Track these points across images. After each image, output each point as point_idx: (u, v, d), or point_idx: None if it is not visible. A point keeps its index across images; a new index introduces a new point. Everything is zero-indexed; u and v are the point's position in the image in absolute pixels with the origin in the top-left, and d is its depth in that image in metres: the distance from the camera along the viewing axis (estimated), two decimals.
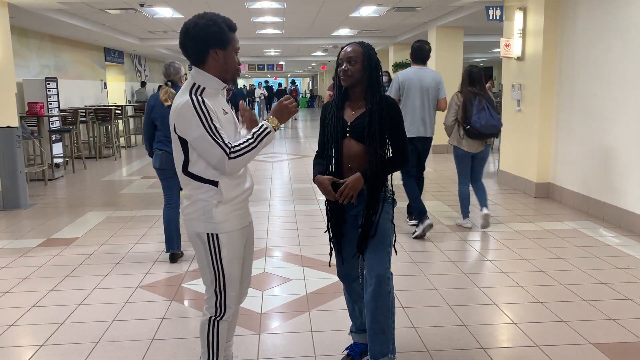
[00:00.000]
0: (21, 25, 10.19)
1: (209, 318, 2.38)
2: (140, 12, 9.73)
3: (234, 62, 2.29)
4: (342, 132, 2.62)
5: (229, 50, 2.26)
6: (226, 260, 2.31)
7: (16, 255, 4.86)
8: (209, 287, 2.38)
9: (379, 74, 2.59)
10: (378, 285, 2.53)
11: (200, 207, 2.26)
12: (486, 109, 5.15)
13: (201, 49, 2.23)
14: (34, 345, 3.16)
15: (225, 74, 2.29)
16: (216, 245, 2.28)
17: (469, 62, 25.41)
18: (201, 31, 2.19)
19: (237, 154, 2.17)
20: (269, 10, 10.26)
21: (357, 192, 2.53)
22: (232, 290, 2.36)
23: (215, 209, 2.25)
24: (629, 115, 5.36)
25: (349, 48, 2.58)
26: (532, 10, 6.96)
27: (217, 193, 2.24)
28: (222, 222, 2.27)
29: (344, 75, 2.56)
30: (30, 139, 8.36)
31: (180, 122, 2.18)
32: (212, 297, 2.37)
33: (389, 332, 2.58)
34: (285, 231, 5.52)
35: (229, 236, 2.30)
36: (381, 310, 2.55)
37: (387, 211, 2.62)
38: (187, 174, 2.26)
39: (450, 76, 11.27)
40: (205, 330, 2.39)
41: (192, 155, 2.23)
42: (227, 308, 2.38)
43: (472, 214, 5.67)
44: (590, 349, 3.01)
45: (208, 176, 2.24)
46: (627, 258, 4.53)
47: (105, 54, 15.46)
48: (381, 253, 2.57)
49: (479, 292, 3.85)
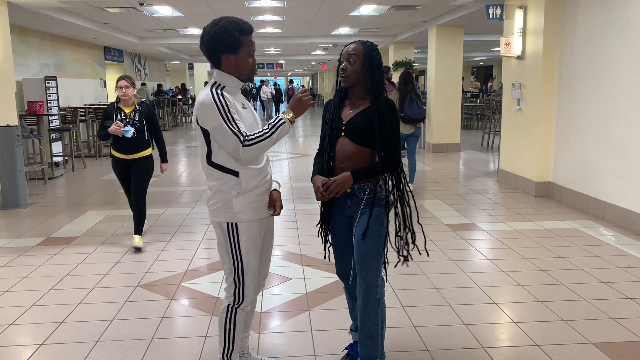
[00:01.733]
0: (21, 23, 10.19)
1: (227, 305, 2.51)
2: (140, 10, 9.72)
3: (247, 63, 2.43)
4: (337, 130, 2.61)
5: (241, 53, 2.40)
6: (244, 248, 2.44)
7: (16, 254, 4.86)
8: (228, 276, 2.50)
9: (381, 73, 2.57)
10: (366, 293, 2.54)
11: (221, 197, 2.40)
12: (414, 102, 7.00)
13: (214, 55, 2.40)
14: (33, 344, 3.16)
15: (240, 75, 2.45)
16: (235, 234, 2.42)
17: (469, 60, 25.45)
18: (212, 39, 2.36)
19: (252, 142, 2.31)
20: (269, 9, 10.25)
21: (343, 189, 2.51)
22: (249, 279, 2.48)
23: (235, 200, 2.39)
24: (629, 113, 5.36)
25: (351, 46, 2.56)
26: (533, 8, 6.96)
27: (237, 184, 2.38)
28: (241, 212, 2.41)
29: (344, 74, 2.55)
30: (29, 137, 8.36)
31: (201, 113, 2.34)
32: (231, 286, 2.49)
33: (378, 337, 2.59)
34: (285, 230, 5.51)
35: (248, 225, 2.43)
36: (369, 317, 2.55)
37: (379, 216, 2.56)
38: (210, 164, 2.41)
39: (451, 75, 11.30)
40: (223, 317, 2.52)
41: (214, 146, 2.37)
42: (245, 296, 2.49)
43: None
44: (590, 348, 3.00)
45: (230, 166, 2.38)
46: (627, 257, 4.53)
47: (104, 53, 15.46)
48: (370, 261, 2.54)
49: (479, 291, 3.85)
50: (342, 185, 2.51)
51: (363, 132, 2.54)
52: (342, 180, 2.50)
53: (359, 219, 2.57)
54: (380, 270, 2.59)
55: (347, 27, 12.99)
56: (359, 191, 2.57)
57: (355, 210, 2.60)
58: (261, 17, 11.16)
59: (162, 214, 6.27)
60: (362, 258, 2.55)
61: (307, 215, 6.12)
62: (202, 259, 4.67)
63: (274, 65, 28.69)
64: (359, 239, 2.56)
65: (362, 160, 2.56)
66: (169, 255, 4.78)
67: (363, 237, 2.53)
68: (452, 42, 11.22)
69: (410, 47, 14.99)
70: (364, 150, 2.56)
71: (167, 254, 4.79)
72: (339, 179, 2.50)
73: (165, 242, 5.14)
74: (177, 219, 6.01)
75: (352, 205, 2.61)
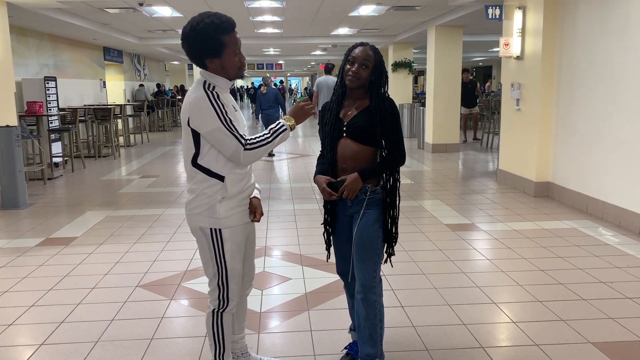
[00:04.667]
0: (20, 24, 10.18)
1: (213, 310, 2.49)
2: (139, 11, 9.72)
3: (233, 62, 2.34)
4: (338, 131, 2.62)
5: (225, 55, 2.30)
6: (229, 254, 2.40)
7: (15, 255, 4.86)
8: (212, 280, 2.46)
9: (386, 78, 2.62)
10: (364, 293, 2.55)
11: (205, 202, 2.33)
12: None
13: (197, 60, 2.33)
14: (33, 344, 3.16)
15: (227, 75, 2.37)
16: (219, 239, 2.37)
17: (468, 60, 25.44)
18: (192, 44, 2.28)
19: (253, 146, 2.28)
20: (268, 10, 10.25)
21: (355, 192, 2.53)
22: (234, 283, 2.46)
23: (219, 205, 2.33)
24: (628, 113, 5.37)
25: (366, 52, 2.55)
26: (532, 9, 6.97)
27: (222, 188, 2.32)
28: (226, 218, 2.35)
29: (354, 77, 2.54)
30: (29, 138, 8.35)
31: (195, 115, 2.26)
32: (215, 290, 2.46)
33: (377, 338, 2.60)
34: (285, 230, 5.52)
35: (232, 231, 2.38)
36: (368, 317, 2.57)
37: (378, 218, 2.58)
38: (195, 166, 2.33)
39: (450, 75, 11.30)
40: (210, 322, 2.50)
41: (204, 148, 2.30)
42: (230, 300, 2.47)
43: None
44: (589, 347, 3.01)
45: (216, 170, 2.31)
46: (626, 257, 4.53)
47: (104, 53, 15.45)
48: (367, 262, 2.55)
49: (478, 291, 3.86)
50: (354, 189, 2.52)
51: (364, 131, 2.55)
52: (352, 183, 2.51)
53: (359, 219, 2.58)
54: (377, 271, 2.60)
55: (347, 28, 12.99)
56: (360, 192, 2.58)
57: (356, 211, 2.61)
58: (260, 17, 11.16)
59: (162, 214, 6.27)
60: (360, 259, 2.57)
61: (306, 215, 6.12)
62: None
63: (273, 65, 28.71)
64: (357, 240, 2.57)
65: (364, 160, 2.57)
66: (169, 255, 4.78)
67: (361, 238, 2.55)
68: (452, 43, 11.22)
69: (410, 47, 15.00)
70: (366, 149, 2.57)
71: (166, 254, 4.79)
72: (349, 183, 2.51)
73: (165, 243, 5.14)
74: (177, 219, 6.01)
75: (353, 205, 2.62)
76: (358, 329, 2.63)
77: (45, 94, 9.97)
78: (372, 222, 2.57)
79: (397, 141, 2.57)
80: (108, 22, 11.35)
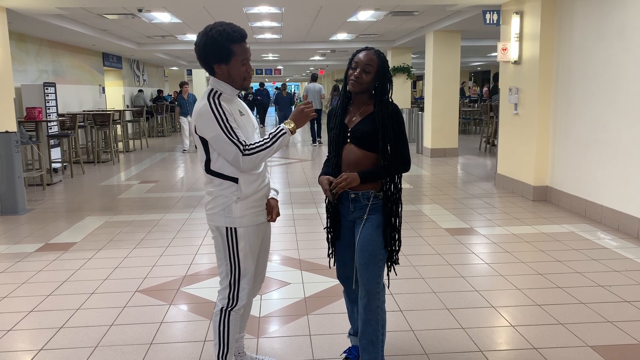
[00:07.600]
0: (19, 30, 10.21)
1: (221, 308, 2.53)
2: (138, 17, 9.75)
3: (240, 72, 2.43)
4: (343, 137, 2.63)
5: (232, 62, 2.40)
6: (242, 253, 2.48)
7: (14, 260, 4.86)
8: (224, 279, 2.53)
9: (390, 82, 2.61)
10: (367, 299, 2.56)
11: (221, 202, 2.43)
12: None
13: (206, 65, 2.43)
14: (32, 350, 3.16)
15: (233, 84, 2.45)
16: (234, 238, 2.46)
17: (466, 65, 25.52)
18: (202, 50, 2.39)
19: (252, 152, 2.35)
20: (267, 15, 10.29)
21: (348, 185, 2.51)
22: (245, 282, 2.52)
23: (235, 205, 2.42)
24: (626, 118, 5.39)
25: (369, 56, 2.55)
26: (529, 14, 7.00)
27: (237, 190, 2.42)
28: (241, 217, 2.44)
29: (356, 81, 2.55)
30: (28, 143, 8.36)
31: (200, 123, 2.36)
32: (226, 289, 2.52)
33: (378, 343, 2.61)
34: (284, 235, 5.52)
35: (247, 230, 2.47)
36: (370, 323, 2.57)
37: (381, 224, 2.58)
38: (209, 172, 2.45)
39: (448, 80, 11.34)
40: (217, 320, 2.54)
41: (213, 154, 2.41)
42: (239, 300, 2.53)
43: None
44: (588, 351, 3.01)
45: (228, 173, 2.41)
46: (625, 261, 4.54)
47: (103, 59, 15.48)
48: (371, 267, 2.56)
49: (477, 295, 3.86)
50: (349, 181, 2.51)
51: (368, 137, 2.56)
52: (350, 176, 2.52)
53: (362, 225, 2.59)
54: (381, 277, 2.60)
55: (345, 33, 13.03)
56: (362, 197, 2.59)
57: (358, 216, 2.62)
58: (259, 23, 11.20)
59: (161, 219, 6.27)
60: (363, 265, 2.57)
61: (305, 220, 6.13)
62: (201, 264, 4.68)
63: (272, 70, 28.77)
64: (361, 246, 2.57)
65: (367, 166, 2.58)
66: (168, 260, 4.78)
67: (365, 244, 2.55)
68: (450, 48, 11.27)
69: (408, 52, 15.05)
70: (370, 155, 2.57)
71: (165, 259, 4.79)
72: (347, 175, 2.52)
73: (164, 248, 5.15)
74: (176, 224, 6.02)
75: (355, 211, 2.63)
76: (360, 334, 2.63)
77: (44, 99, 9.99)
78: (375, 227, 2.58)
79: (400, 147, 2.57)
80: (107, 28, 11.38)
